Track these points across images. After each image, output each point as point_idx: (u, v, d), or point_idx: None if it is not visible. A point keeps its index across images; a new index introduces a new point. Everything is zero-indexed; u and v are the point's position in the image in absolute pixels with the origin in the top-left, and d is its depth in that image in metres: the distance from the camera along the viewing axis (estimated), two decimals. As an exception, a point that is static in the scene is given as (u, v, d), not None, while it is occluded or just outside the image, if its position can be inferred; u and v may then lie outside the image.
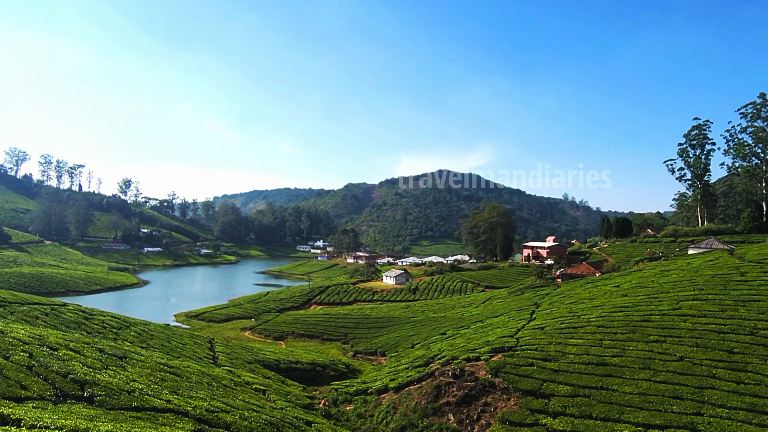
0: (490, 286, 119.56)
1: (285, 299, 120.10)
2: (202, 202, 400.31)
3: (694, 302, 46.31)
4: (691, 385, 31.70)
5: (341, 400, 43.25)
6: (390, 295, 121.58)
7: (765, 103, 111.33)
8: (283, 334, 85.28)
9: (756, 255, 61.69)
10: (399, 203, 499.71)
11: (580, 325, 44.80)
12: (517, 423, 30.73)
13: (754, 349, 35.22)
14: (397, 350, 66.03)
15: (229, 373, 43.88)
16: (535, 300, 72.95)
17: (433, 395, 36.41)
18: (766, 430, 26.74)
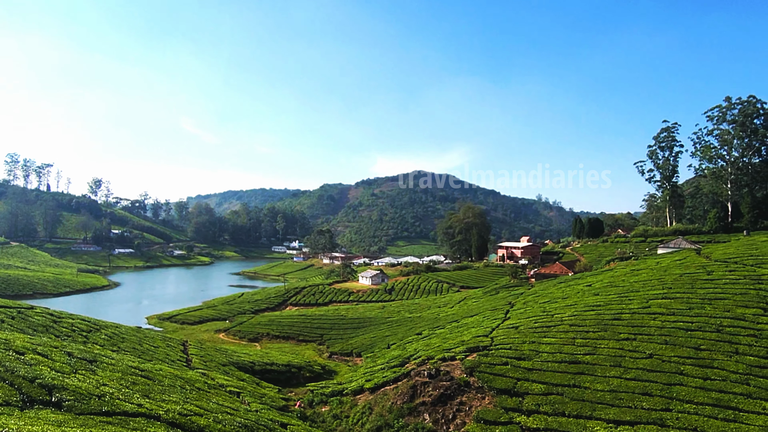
0: (466, 286, 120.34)
1: (260, 300, 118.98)
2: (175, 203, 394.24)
3: (663, 301, 47.39)
4: (660, 381, 32.43)
5: (317, 402, 43.08)
6: (366, 296, 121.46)
7: (730, 107, 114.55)
8: (258, 335, 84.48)
9: (721, 254, 63.44)
10: (375, 204, 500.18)
11: (554, 324, 45.44)
12: (492, 421, 31.01)
13: (719, 345, 36.22)
14: (373, 351, 66.01)
15: (203, 376, 43.30)
16: (510, 300, 73.72)
17: (409, 395, 36.50)
18: (732, 424, 27.52)
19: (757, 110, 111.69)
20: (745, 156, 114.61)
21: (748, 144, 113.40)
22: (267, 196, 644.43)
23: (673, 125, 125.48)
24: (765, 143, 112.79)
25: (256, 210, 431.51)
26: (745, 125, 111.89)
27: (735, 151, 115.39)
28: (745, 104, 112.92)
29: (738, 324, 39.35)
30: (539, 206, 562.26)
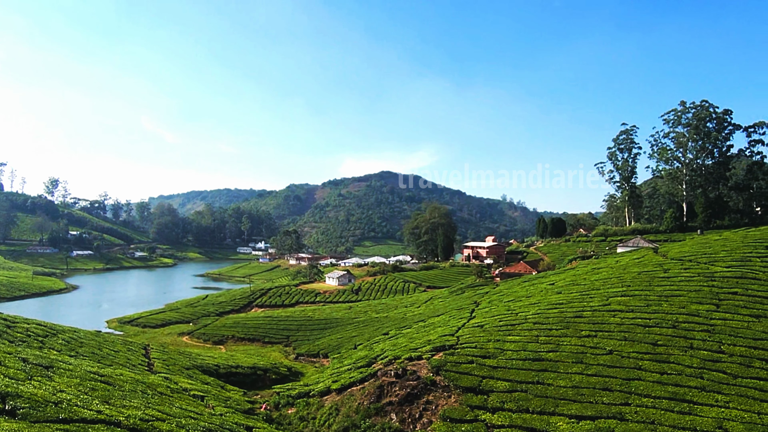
0: (432, 285, 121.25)
1: (225, 302, 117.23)
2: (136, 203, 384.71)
3: (622, 298, 48.75)
4: (619, 377, 33.37)
5: (283, 404, 42.71)
6: (333, 297, 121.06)
7: (685, 111, 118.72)
8: (222, 338, 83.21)
9: (677, 253, 65.66)
10: (342, 204, 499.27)
11: (518, 322, 46.21)
12: (458, 419, 31.33)
13: (675, 341, 37.51)
14: (339, 351, 65.85)
15: (166, 380, 42.38)
16: (475, 299, 74.62)
17: (376, 395, 36.55)
18: (687, 417, 28.53)
19: (709, 114, 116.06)
20: (699, 158, 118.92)
21: (701, 146, 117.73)
22: (232, 197, 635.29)
23: (632, 128, 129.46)
24: (717, 146, 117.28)
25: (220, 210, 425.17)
26: (699, 128, 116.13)
27: (689, 153, 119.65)
28: (699, 108, 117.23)
29: (692, 320, 40.81)
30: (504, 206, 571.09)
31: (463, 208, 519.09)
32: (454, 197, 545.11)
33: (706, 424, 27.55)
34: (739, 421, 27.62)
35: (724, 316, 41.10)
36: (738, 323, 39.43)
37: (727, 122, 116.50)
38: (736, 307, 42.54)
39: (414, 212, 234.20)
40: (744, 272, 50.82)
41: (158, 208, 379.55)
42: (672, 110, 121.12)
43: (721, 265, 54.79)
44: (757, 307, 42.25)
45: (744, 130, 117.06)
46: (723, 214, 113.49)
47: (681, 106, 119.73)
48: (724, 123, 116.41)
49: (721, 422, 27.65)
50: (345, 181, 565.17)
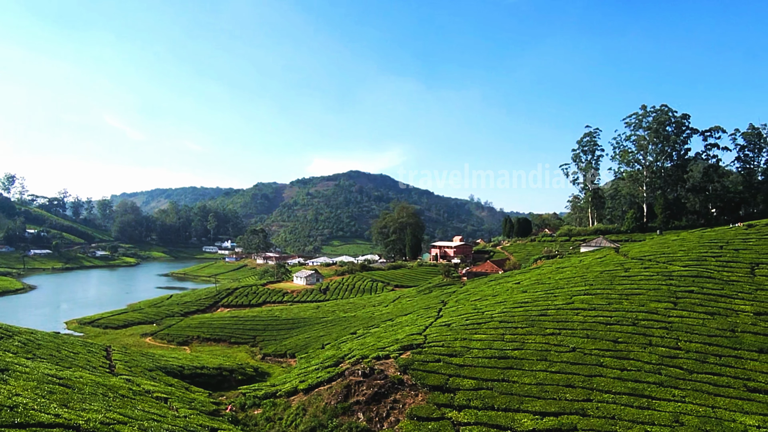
0: (400, 285, 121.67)
1: (190, 302, 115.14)
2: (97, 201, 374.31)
3: (585, 297, 49.91)
4: (582, 373, 34.17)
5: (249, 405, 42.23)
6: (300, 296, 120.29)
7: (646, 115, 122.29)
8: (187, 338, 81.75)
9: (637, 252, 67.57)
10: (310, 203, 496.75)
11: (484, 321, 46.81)
12: (425, 418, 31.55)
13: (635, 338, 38.63)
14: (307, 351, 65.50)
15: (128, 382, 41.42)
16: (443, 298, 75.24)
17: (343, 395, 36.51)
18: (645, 411, 29.42)
19: (668, 118, 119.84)
20: (658, 160, 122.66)
21: (661, 150, 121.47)
22: (198, 195, 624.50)
23: (595, 130, 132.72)
24: (676, 149, 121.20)
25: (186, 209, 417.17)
26: (659, 132, 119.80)
27: (650, 155, 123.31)
28: (659, 112, 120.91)
29: (651, 317, 42.09)
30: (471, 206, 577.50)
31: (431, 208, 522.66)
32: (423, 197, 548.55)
33: (663, 419, 28.47)
34: (694, 415, 28.63)
35: (681, 313, 42.53)
36: (694, 320, 40.87)
37: (685, 126, 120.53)
38: (692, 305, 44.06)
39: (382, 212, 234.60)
40: (700, 271, 52.67)
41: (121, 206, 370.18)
42: (633, 114, 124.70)
43: (679, 265, 56.64)
44: (712, 304, 43.85)
45: (701, 134, 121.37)
46: (681, 215, 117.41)
47: (642, 110, 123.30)
48: (682, 127, 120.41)
49: (678, 416, 28.61)
50: (314, 180, 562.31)
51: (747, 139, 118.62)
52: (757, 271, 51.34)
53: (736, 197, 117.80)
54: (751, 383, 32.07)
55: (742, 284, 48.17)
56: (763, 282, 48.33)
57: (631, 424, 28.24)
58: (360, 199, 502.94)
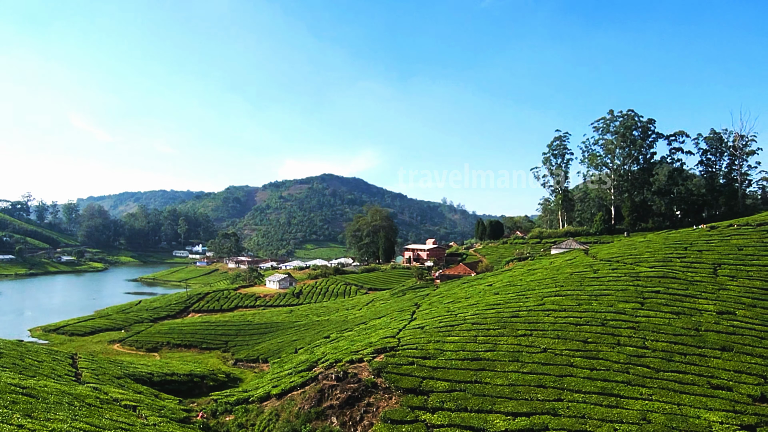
0: (373, 288, 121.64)
1: (159, 308, 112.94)
2: (63, 205, 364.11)
3: (555, 298, 50.74)
4: (553, 374, 34.71)
5: (221, 411, 41.63)
6: (273, 300, 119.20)
7: (613, 119, 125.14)
8: (157, 345, 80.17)
9: (606, 254, 69.01)
10: (283, 207, 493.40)
11: (457, 323, 47.16)
12: (398, 421, 31.60)
13: (604, 338, 39.42)
14: (280, 356, 64.95)
15: (95, 391, 40.41)
16: (416, 301, 75.52)
17: (317, 399, 36.32)
18: (614, 410, 30.05)
19: (635, 123, 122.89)
20: (625, 164, 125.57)
21: (628, 153, 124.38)
22: (168, 198, 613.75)
23: (565, 134, 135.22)
24: (642, 153, 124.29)
25: (155, 212, 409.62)
26: (626, 136, 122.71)
27: (617, 159, 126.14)
28: (626, 117, 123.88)
29: (619, 318, 43.03)
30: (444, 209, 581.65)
31: (405, 211, 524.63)
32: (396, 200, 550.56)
33: (631, 417, 29.12)
34: (661, 413, 29.36)
35: (647, 313, 43.59)
36: (660, 320, 41.93)
37: (650, 131, 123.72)
38: (658, 305, 45.21)
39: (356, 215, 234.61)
40: (665, 272, 54.09)
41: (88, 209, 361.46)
42: (601, 118, 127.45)
43: (646, 266, 58.05)
44: (677, 304, 45.07)
45: (665, 138, 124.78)
46: (647, 217, 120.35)
47: (609, 115, 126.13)
48: (648, 131, 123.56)
49: (645, 414, 29.30)
50: (286, 183, 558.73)
51: (709, 144, 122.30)
52: (719, 272, 52.98)
53: (699, 200, 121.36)
54: (714, 380, 33.05)
55: (706, 284, 49.65)
56: (725, 282, 49.90)
57: (600, 423, 28.80)
58: (333, 202, 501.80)
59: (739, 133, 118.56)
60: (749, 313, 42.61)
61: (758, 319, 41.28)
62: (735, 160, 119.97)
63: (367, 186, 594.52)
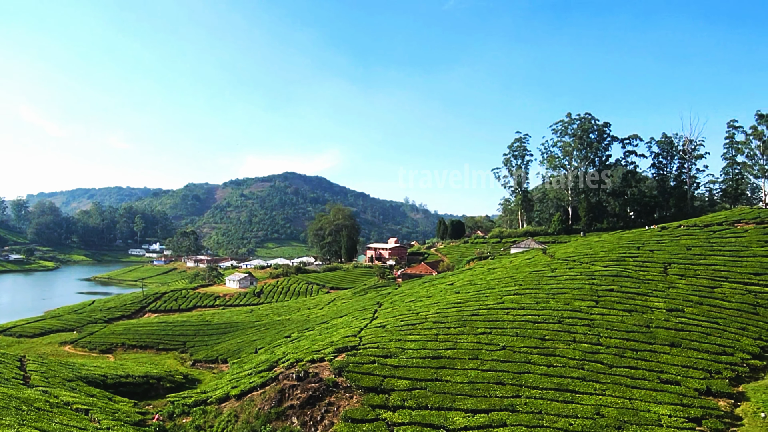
0: (335, 287, 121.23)
1: (114, 308, 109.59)
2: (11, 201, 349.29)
3: (514, 296, 51.76)
4: (511, 371, 35.39)
5: (178, 413, 40.77)
6: (233, 300, 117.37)
7: (571, 122, 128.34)
8: (111, 346, 77.75)
9: (563, 253, 70.78)
10: (244, 205, 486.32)
11: (418, 321, 47.52)
12: (359, 420, 31.63)
13: (561, 335, 40.46)
14: (239, 356, 63.99)
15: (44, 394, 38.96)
16: (378, 300, 75.69)
17: (277, 399, 35.99)
18: (570, 405, 30.90)
19: (591, 126, 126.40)
20: (582, 166, 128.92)
21: (584, 155, 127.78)
22: (124, 195, 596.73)
23: (525, 136, 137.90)
24: (598, 155, 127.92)
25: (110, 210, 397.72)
26: (583, 139, 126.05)
27: (574, 161, 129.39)
28: (583, 120, 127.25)
29: (575, 315, 44.25)
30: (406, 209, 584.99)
31: (367, 210, 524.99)
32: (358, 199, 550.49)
33: (585, 411, 29.99)
34: (613, 407, 30.35)
35: (602, 311, 44.98)
36: (613, 317, 43.33)
37: (606, 134, 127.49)
38: (612, 303, 46.71)
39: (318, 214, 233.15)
40: (619, 271, 55.90)
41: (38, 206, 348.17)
42: (560, 121, 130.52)
43: (600, 265, 59.85)
44: (630, 302, 46.66)
45: (620, 141, 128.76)
46: (602, 217, 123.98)
47: (567, 118, 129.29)
48: (603, 134, 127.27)
49: (599, 408, 30.23)
50: (248, 181, 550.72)
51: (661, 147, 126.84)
52: (669, 271, 55.11)
53: (651, 201, 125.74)
54: (664, 375, 34.36)
55: (657, 283, 51.56)
56: (674, 281, 51.93)
57: (556, 418, 29.55)
58: (295, 201, 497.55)
59: (689, 138, 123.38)
60: (696, 310, 44.49)
61: (704, 316, 43.15)
62: (684, 163, 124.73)
63: (330, 185, 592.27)
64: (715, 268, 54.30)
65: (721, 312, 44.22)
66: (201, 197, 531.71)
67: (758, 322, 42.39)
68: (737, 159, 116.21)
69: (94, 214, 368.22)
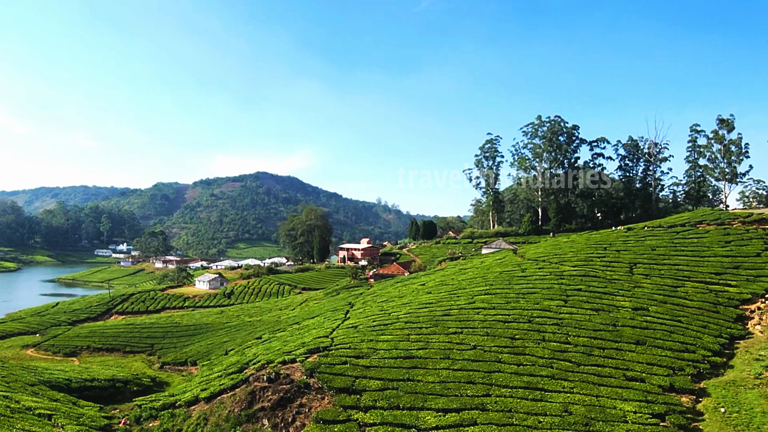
0: (308, 287, 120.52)
1: (79, 310, 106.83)
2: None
3: (485, 296, 52.31)
4: (482, 370, 35.77)
5: (145, 417, 39.95)
6: (203, 301, 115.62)
7: (541, 124, 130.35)
8: (76, 349, 75.80)
9: (533, 254, 71.85)
10: (215, 204, 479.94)
11: (390, 322, 47.63)
12: (331, 421, 31.53)
13: (530, 334, 41.08)
14: (209, 358, 63.09)
15: (5, 399, 37.73)
16: (350, 300, 75.56)
17: (248, 401, 35.60)
18: (539, 403, 31.40)
19: (561, 128, 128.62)
20: (552, 167, 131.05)
21: (554, 157, 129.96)
22: (90, 195, 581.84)
23: (496, 137, 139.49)
24: (567, 157, 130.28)
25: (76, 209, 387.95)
26: (552, 141, 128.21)
27: (544, 162, 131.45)
28: (552, 122, 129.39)
29: (545, 315, 44.97)
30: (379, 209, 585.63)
31: (339, 211, 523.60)
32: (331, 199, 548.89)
33: (554, 409, 30.52)
34: (581, 405, 30.95)
35: (570, 310, 45.82)
36: (581, 316, 44.18)
37: (575, 136, 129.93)
38: (580, 302, 47.63)
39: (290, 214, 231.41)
40: (587, 271, 57.04)
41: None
42: (530, 123, 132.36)
43: (569, 265, 60.96)
44: (597, 301, 47.67)
45: (588, 144, 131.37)
46: (571, 218, 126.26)
47: (538, 120, 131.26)
48: (572, 137, 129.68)
49: (567, 406, 30.80)
50: (218, 180, 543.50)
51: (627, 150, 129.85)
52: (635, 270, 56.46)
53: (618, 203, 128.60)
54: (629, 373, 35.20)
55: (623, 282, 52.77)
56: (640, 280, 53.24)
57: (525, 416, 29.99)
58: (267, 201, 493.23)
59: (653, 141, 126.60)
60: (661, 309, 45.69)
61: (668, 315, 44.35)
62: (650, 165, 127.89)
63: (303, 185, 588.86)
64: (679, 268, 55.86)
65: (684, 310, 45.50)
66: (170, 197, 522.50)
67: (719, 320, 43.77)
68: (699, 162, 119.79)
69: (59, 213, 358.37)
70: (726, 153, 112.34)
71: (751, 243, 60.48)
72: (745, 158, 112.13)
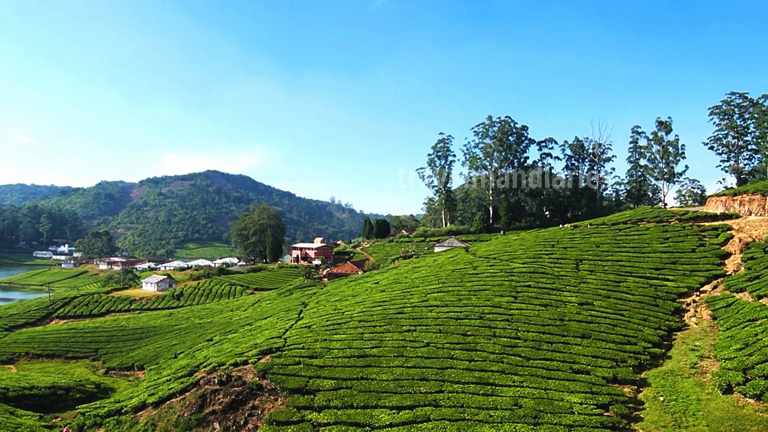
0: (260, 288, 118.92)
1: (17, 315, 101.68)
2: None
3: (438, 294, 52.99)
4: (435, 367, 36.22)
5: (89, 425, 38.42)
6: (151, 303, 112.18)
7: (492, 124, 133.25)
8: (13, 355, 72.08)
9: (484, 251, 73.29)
10: (163, 204, 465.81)
11: (344, 321, 47.57)
12: (284, 422, 31.22)
13: (482, 330, 41.91)
14: (158, 362, 61.24)
15: (-66, 412, 35.53)
16: (303, 300, 75.01)
17: (198, 405, 34.79)
18: (490, 398, 32.07)
19: (511, 129, 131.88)
20: (502, 167, 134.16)
21: (504, 157, 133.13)
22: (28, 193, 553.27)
23: (448, 137, 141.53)
24: (517, 157, 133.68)
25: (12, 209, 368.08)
26: (503, 141, 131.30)
27: (495, 162, 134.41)
28: (503, 123, 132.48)
29: (495, 311, 45.97)
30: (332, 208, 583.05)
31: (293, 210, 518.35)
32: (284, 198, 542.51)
33: (504, 403, 31.24)
34: (530, 398, 31.82)
35: (520, 306, 47.04)
36: (531, 312, 45.42)
37: (524, 137, 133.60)
38: (529, 298, 48.95)
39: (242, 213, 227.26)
40: (536, 268, 58.66)
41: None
42: (481, 123, 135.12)
43: (519, 262, 62.54)
44: (545, 297, 49.12)
45: (537, 144, 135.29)
46: (521, 216, 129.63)
47: (488, 120, 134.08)
48: (522, 137, 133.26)
49: (517, 400, 31.59)
50: (167, 179, 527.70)
51: (573, 150, 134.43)
52: (581, 266, 58.51)
53: (565, 201, 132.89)
54: (575, 365, 36.43)
55: (569, 278, 54.57)
56: (585, 276, 55.20)
57: (477, 411, 30.58)
58: (218, 200, 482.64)
59: (598, 142, 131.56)
60: (604, 303, 47.54)
61: (612, 309, 46.19)
62: (594, 165, 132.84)
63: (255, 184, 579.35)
64: (621, 264, 58.24)
65: (626, 304, 47.48)
66: (115, 196, 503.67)
67: (658, 313, 45.93)
68: (640, 162, 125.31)
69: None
70: (664, 154, 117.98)
71: (687, 239, 63.69)
72: (682, 159, 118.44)
